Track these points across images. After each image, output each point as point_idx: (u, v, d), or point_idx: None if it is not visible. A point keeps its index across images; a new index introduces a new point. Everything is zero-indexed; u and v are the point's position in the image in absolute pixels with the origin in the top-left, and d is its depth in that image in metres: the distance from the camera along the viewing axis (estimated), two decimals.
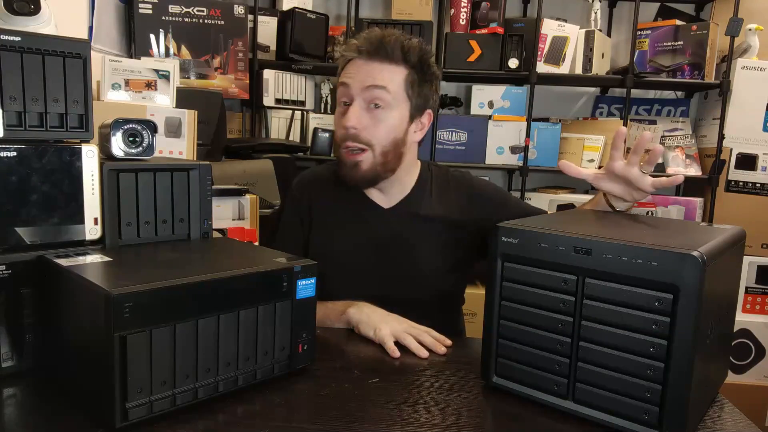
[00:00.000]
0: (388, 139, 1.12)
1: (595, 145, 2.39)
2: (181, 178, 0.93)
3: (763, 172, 2.34)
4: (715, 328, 0.76)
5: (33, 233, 0.81)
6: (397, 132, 1.13)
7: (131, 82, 1.40)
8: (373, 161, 1.12)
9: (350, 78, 1.12)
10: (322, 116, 2.54)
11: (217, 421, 0.72)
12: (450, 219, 1.21)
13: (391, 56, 1.11)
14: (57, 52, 0.81)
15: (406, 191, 1.22)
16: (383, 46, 1.10)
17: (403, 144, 1.15)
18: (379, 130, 1.11)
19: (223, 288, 0.74)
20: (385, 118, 1.11)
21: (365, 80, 1.10)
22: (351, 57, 1.13)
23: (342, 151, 1.13)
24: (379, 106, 1.11)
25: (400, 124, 1.14)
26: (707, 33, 2.35)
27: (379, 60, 1.11)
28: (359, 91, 1.10)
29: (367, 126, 1.11)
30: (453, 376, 0.88)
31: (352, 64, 1.13)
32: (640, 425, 0.71)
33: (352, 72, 1.12)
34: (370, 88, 1.10)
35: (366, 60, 1.11)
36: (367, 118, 1.11)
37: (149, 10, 2.08)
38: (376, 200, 1.21)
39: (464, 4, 2.41)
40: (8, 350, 0.79)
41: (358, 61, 1.12)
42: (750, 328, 2.31)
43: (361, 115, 1.10)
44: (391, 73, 1.11)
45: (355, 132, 1.10)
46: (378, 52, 1.11)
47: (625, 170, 1.00)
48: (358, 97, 1.11)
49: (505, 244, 0.80)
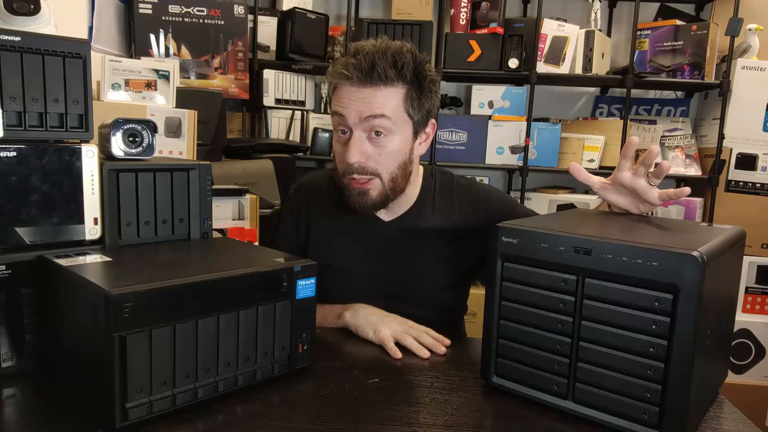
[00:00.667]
0: (395, 164, 1.07)
1: (595, 145, 2.39)
2: (181, 178, 0.93)
3: (763, 172, 2.34)
4: (715, 328, 0.76)
5: (33, 233, 0.81)
6: (403, 154, 1.08)
7: (131, 82, 1.40)
8: (382, 188, 1.08)
9: (345, 108, 1.03)
10: (322, 116, 2.54)
11: (217, 421, 0.72)
12: (452, 230, 1.17)
13: (384, 78, 1.02)
14: (57, 52, 0.81)
15: (410, 203, 1.18)
16: (374, 69, 1.01)
17: (410, 163, 1.10)
18: (385, 158, 1.06)
19: (223, 288, 0.74)
20: (389, 144, 1.05)
21: (362, 111, 1.02)
22: (341, 83, 1.05)
23: (347, 179, 1.08)
24: (381, 134, 1.04)
25: (405, 145, 1.08)
26: (707, 33, 2.35)
27: (372, 85, 1.02)
28: (357, 123, 1.03)
29: (371, 156, 1.05)
30: (453, 376, 0.88)
31: (343, 91, 1.04)
32: (640, 425, 0.71)
33: (346, 101, 1.04)
34: (369, 119, 1.02)
35: (359, 87, 1.02)
36: (370, 148, 1.05)
37: (149, 10, 2.08)
38: (377, 213, 1.16)
39: (464, 4, 2.41)
40: (8, 350, 0.79)
41: (349, 88, 1.03)
42: (750, 328, 2.31)
43: (363, 147, 1.04)
44: (388, 96, 1.03)
45: (360, 165, 1.05)
46: (371, 77, 1.01)
47: (632, 181, 0.96)
48: (356, 128, 1.04)
49: (505, 244, 0.80)
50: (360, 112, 1.02)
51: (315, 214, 1.21)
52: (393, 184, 1.08)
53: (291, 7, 2.34)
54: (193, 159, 1.46)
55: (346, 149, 1.05)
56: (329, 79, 1.08)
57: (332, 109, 1.08)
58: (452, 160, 2.38)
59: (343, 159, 1.06)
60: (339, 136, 1.08)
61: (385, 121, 1.03)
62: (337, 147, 1.09)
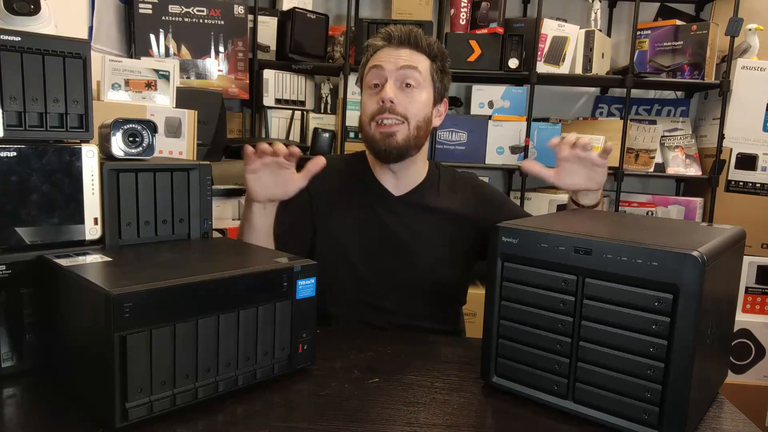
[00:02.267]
0: (420, 115, 1.19)
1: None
2: (181, 178, 0.93)
3: (763, 172, 2.34)
4: (715, 328, 0.76)
5: (33, 233, 0.81)
6: (427, 110, 1.21)
7: (131, 82, 1.40)
8: (408, 133, 1.18)
9: (383, 60, 1.19)
10: (322, 116, 2.54)
11: (217, 421, 0.72)
12: (456, 214, 1.25)
13: (418, 45, 1.20)
14: (57, 52, 0.81)
15: (417, 181, 1.26)
16: (411, 36, 1.20)
17: (429, 123, 1.23)
18: (413, 106, 1.18)
19: (223, 288, 0.74)
20: (418, 95, 1.19)
21: (398, 61, 1.18)
22: (381, 46, 1.21)
23: (374, 125, 1.18)
24: (411, 85, 1.18)
25: (428, 103, 1.21)
26: (707, 33, 2.35)
27: (408, 47, 1.20)
28: (393, 71, 1.17)
29: (401, 101, 1.17)
30: (453, 376, 0.88)
31: (382, 51, 1.21)
32: (640, 425, 0.71)
33: (384, 56, 1.19)
34: (404, 68, 1.17)
35: (396, 47, 1.20)
36: (402, 95, 1.18)
37: (149, 10, 2.08)
38: (388, 187, 1.25)
39: (464, 4, 2.41)
40: (8, 350, 0.79)
41: (388, 49, 1.20)
42: (750, 328, 2.31)
43: (396, 91, 1.17)
44: (420, 59, 1.20)
45: (392, 105, 1.16)
46: (408, 41, 1.19)
47: (572, 153, 1.15)
48: (391, 76, 1.17)
49: (505, 244, 0.80)
50: (396, 63, 1.18)
51: (327, 184, 1.26)
52: (417, 132, 1.19)
53: (291, 7, 2.34)
54: (193, 159, 1.46)
55: (379, 94, 1.17)
56: (367, 47, 1.24)
57: (369, 65, 1.22)
58: (452, 160, 2.38)
59: (375, 103, 1.18)
60: (371, 91, 1.20)
61: (416, 73, 1.18)
62: (369, 99, 1.21)
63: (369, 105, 1.20)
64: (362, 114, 1.22)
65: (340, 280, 1.20)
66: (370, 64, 1.22)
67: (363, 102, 1.23)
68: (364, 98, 1.22)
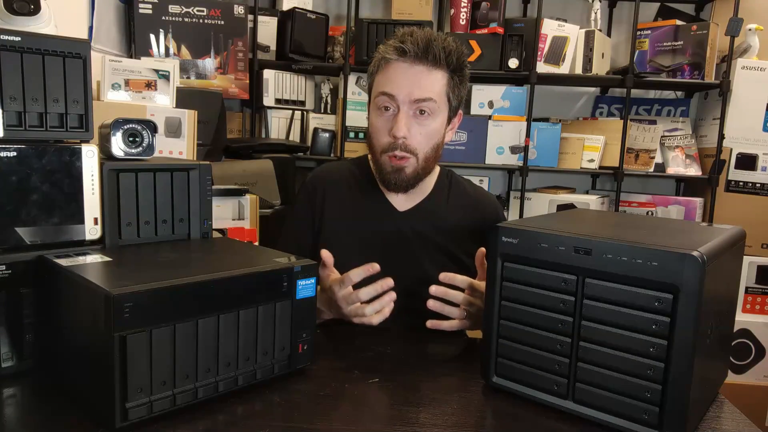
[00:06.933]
0: (430, 145, 1.14)
1: (595, 145, 2.39)
2: (181, 178, 0.93)
3: (763, 172, 2.34)
4: (715, 328, 0.76)
5: (33, 233, 0.81)
6: (438, 137, 1.16)
7: (131, 82, 1.40)
8: (416, 167, 1.14)
9: (395, 87, 1.09)
10: (322, 116, 2.54)
11: (217, 421, 0.71)
12: (460, 230, 1.22)
13: (435, 61, 1.09)
14: (57, 52, 0.81)
15: (425, 194, 1.24)
16: (429, 49, 1.08)
17: (440, 147, 1.18)
18: (424, 138, 1.13)
19: (223, 288, 0.74)
20: (430, 124, 1.13)
21: (413, 92, 1.09)
22: (394, 59, 1.10)
23: (385, 157, 1.14)
24: (425, 113, 1.11)
25: (441, 128, 1.16)
26: (707, 33, 2.35)
27: (425, 65, 1.09)
28: (406, 102, 1.10)
29: (414, 134, 1.12)
30: (453, 376, 0.88)
31: (394, 68, 1.10)
32: (640, 425, 0.71)
33: (395, 78, 1.10)
34: (419, 101, 1.10)
35: (412, 63, 1.09)
36: (415, 126, 1.11)
37: (149, 10, 2.08)
38: (393, 202, 1.23)
39: (464, 4, 2.41)
40: (8, 350, 0.79)
41: (402, 64, 1.10)
42: (750, 328, 2.31)
43: (409, 124, 1.11)
44: (435, 80, 1.10)
45: (405, 141, 1.11)
46: (425, 57, 1.08)
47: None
48: (404, 106, 1.10)
49: (505, 244, 0.80)
50: (410, 94, 1.09)
51: (331, 196, 1.25)
52: (425, 164, 1.15)
53: (291, 7, 2.34)
54: (193, 159, 1.46)
55: (393, 124, 1.11)
56: (379, 55, 1.13)
57: (378, 87, 1.13)
58: (452, 160, 2.38)
59: (386, 134, 1.12)
60: (382, 112, 1.13)
61: (431, 103, 1.10)
62: (379, 122, 1.14)
63: (381, 136, 1.14)
64: (373, 139, 1.16)
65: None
66: (379, 87, 1.13)
67: (372, 123, 1.16)
68: (374, 119, 1.15)
